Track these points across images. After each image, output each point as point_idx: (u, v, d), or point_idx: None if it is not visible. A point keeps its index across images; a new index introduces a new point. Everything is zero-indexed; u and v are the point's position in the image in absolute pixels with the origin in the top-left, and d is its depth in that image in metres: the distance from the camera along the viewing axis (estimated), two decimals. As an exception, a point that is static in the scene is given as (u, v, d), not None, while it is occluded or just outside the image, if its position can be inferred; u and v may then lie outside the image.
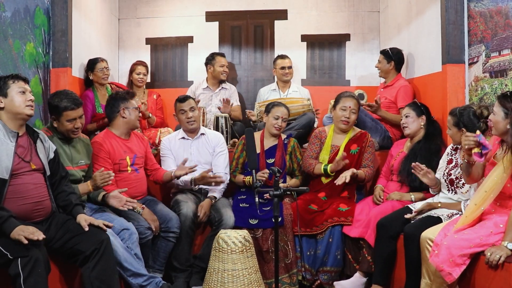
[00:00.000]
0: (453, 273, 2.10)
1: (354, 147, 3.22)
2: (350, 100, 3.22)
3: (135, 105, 3.04)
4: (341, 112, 3.21)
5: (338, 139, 3.28)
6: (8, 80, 2.23)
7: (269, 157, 3.30)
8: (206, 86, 4.30)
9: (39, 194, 2.26)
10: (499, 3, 2.94)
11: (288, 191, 2.35)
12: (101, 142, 2.90)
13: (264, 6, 4.73)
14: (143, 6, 4.77)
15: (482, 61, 3.07)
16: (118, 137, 3.00)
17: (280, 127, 3.30)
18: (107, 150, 2.89)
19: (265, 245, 2.97)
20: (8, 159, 2.13)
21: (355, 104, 3.22)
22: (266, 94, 4.32)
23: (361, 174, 3.10)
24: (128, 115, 2.99)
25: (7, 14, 2.93)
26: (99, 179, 2.56)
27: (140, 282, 2.54)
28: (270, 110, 3.32)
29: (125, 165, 2.97)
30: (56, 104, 2.59)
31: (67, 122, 2.61)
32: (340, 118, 3.21)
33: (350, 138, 3.25)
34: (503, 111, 2.17)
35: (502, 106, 2.17)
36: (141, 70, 4.23)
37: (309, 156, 3.29)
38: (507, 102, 2.16)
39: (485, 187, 2.22)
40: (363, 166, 3.19)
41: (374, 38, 4.65)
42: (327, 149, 3.26)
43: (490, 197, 2.20)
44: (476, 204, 2.23)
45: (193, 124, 3.28)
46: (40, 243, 2.01)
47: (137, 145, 3.10)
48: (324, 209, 3.04)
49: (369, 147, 3.23)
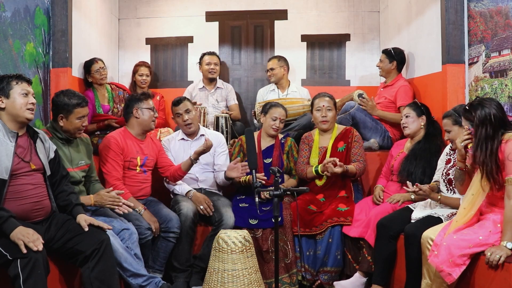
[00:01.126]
0: (453, 274, 2.10)
1: (341, 145, 3.24)
2: (322, 99, 3.25)
3: (149, 105, 3.05)
4: (318, 113, 3.24)
5: (324, 140, 3.30)
6: (11, 80, 2.21)
7: (266, 157, 3.30)
8: (202, 86, 4.32)
9: (38, 194, 2.25)
10: (499, 3, 2.94)
11: (288, 191, 2.35)
12: (116, 137, 2.96)
13: (264, 6, 4.73)
14: (143, 6, 4.77)
15: (482, 61, 3.07)
16: (134, 137, 3.06)
17: (278, 128, 3.30)
18: (122, 146, 2.94)
19: (265, 245, 2.97)
20: (8, 159, 2.13)
21: (329, 101, 3.24)
22: (265, 95, 4.32)
23: (352, 168, 3.10)
24: (141, 115, 3.02)
25: (7, 14, 2.93)
26: (108, 200, 2.56)
27: (140, 282, 2.54)
28: (268, 110, 3.33)
29: (135, 164, 3.00)
30: (66, 102, 2.58)
31: (76, 120, 2.60)
32: (318, 119, 3.24)
33: (336, 136, 3.27)
34: (469, 124, 2.27)
35: (467, 119, 2.28)
36: (143, 71, 4.24)
37: (301, 162, 3.30)
38: (468, 114, 2.25)
39: (471, 190, 2.24)
40: (352, 161, 3.20)
41: (374, 38, 4.65)
42: (316, 152, 3.28)
43: (478, 200, 2.22)
44: (465, 208, 2.25)
45: (191, 127, 3.28)
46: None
47: (150, 148, 3.12)
48: (323, 210, 3.05)
49: (356, 142, 3.24)
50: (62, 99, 2.59)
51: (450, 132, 2.65)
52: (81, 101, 2.62)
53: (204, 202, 3.04)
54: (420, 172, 2.90)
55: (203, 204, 3.03)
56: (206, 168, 3.29)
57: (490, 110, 2.17)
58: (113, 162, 2.91)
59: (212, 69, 4.24)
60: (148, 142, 3.14)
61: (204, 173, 3.28)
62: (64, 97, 2.60)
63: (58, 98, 2.61)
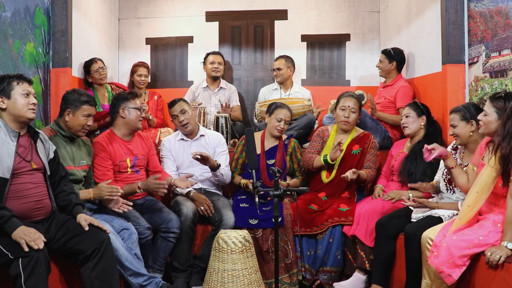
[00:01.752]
0: (453, 275, 2.10)
1: (356, 148, 3.22)
2: (349, 99, 3.22)
3: (136, 105, 3.00)
4: (341, 112, 3.21)
5: (341, 138, 3.27)
6: (12, 81, 2.22)
7: (269, 158, 3.29)
8: (206, 86, 4.32)
9: (39, 194, 2.26)
10: (499, 3, 2.94)
11: (288, 191, 2.35)
12: (102, 143, 2.90)
13: (264, 6, 4.73)
14: (143, 6, 4.77)
15: (482, 61, 3.07)
16: (120, 138, 2.99)
17: (282, 130, 3.28)
18: (108, 151, 2.89)
19: (265, 245, 2.97)
20: (10, 158, 2.13)
21: (355, 103, 3.21)
22: (268, 94, 4.32)
23: (363, 174, 3.10)
24: (127, 115, 2.96)
25: (7, 14, 2.93)
26: (105, 192, 2.56)
27: (141, 282, 2.55)
28: (273, 111, 3.30)
29: (125, 166, 2.97)
30: (76, 97, 2.65)
31: (82, 117, 2.64)
32: (340, 118, 3.22)
33: (353, 138, 3.25)
34: (496, 112, 2.20)
35: (495, 107, 2.21)
36: (142, 72, 4.23)
37: (309, 152, 3.28)
38: (500, 102, 2.19)
39: (476, 188, 2.23)
40: (365, 167, 3.19)
41: (374, 38, 4.65)
42: (329, 148, 3.23)
43: (482, 198, 2.21)
44: (469, 206, 2.24)
45: (188, 127, 3.27)
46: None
47: (139, 146, 3.08)
48: (324, 209, 3.05)
49: (372, 149, 3.23)
50: (73, 95, 2.67)
51: (455, 127, 2.62)
52: (91, 100, 2.71)
53: (204, 203, 3.04)
54: (420, 172, 2.89)
55: (203, 205, 3.03)
56: (206, 168, 3.28)
57: None
58: (101, 168, 2.85)
59: (216, 67, 4.24)
60: (136, 141, 3.08)
61: (204, 173, 3.28)
62: (75, 93, 2.69)
63: (69, 94, 2.69)
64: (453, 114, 2.65)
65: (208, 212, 3.02)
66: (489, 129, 2.24)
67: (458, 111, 2.63)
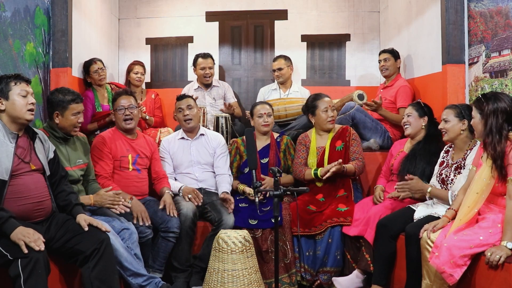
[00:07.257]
0: (455, 275, 2.09)
1: (339, 144, 3.24)
2: (325, 100, 3.26)
3: (122, 105, 3.02)
4: (324, 114, 3.23)
5: (321, 140, 3.30)
6: (10, 81, 2.20)
7: (263, 157, 3.30)
8: (197, 87, 4.29)
9: (39, 194, 2.25)
10: (499, 3, 2.94)
11: (288, 191, 2.35)
12: (104, 137, 2.98)
13: (264, 6, 4.74)
14: (143, 6, 4.77)
15: (482, 61, 3.07)
16: (124, 136, 3.06)
17: (268, 123, 3.31)
18: (109, 146, 2.96)
19: (264, 245, 2.97)
20: (8, 160, 2.13)
21: (330, 101, 3.27)
22: (267, 94, 4.32)
23: (350, 167, 3.10)
24: (117, 115, 3.04)
25: (7, 14, 2.93)
26: (108, 200, 2.56)
27: (140, 282, 2.54)
28: (253, 112, 3.37)
29: (126, 162, 2.99)
30: (60, 98, 2.60)
31: (72, 116, 2.62)
32: (326, 120, 3.23)
33: (333, 136, 3.27)
34: (479, 113, 2.28)
35: (478, 109, 2.29)
36: (138, 69, 4.22)
37: (298, 163, 3.29)
38: (480, 104, 2.26)
39: (475, 188, 2.25)
40: (351, 159, 3.20)
41: (374, 38, 4.65)
42: (313, 153, 3.28)
43: (482, 198, 2.23)
44: (469, 207, 2.25)
45: (190, 123, 3.27)
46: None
47: (143, 146, 3.13)
48: (322, 210, 3.04)
49: (354, 140, 3.24)
50: (57, 96, 2.61)
51: (447, 122, 2.64)
52: (76, 97, 2.64)
53: (192, 192, 3.06)
54: (419, 172, 2.89)
55: (191, 194, 3.04)
56: (206, 168, 3.28)
57: (503, 104, 2.20)
58: (100, 161, 2.91)
59: (207, 73, 4.19)
60: (141, 140, 3.14)
61: (204, 173, 3.28)
62: (59, 94, 2.62)
63: (53, 96, 2.63)
64: (448, 110, 2.69)
65: (196, 200, 3.02)
66: (477, 131, 2.31)
67: (454, 107, 2.68)
